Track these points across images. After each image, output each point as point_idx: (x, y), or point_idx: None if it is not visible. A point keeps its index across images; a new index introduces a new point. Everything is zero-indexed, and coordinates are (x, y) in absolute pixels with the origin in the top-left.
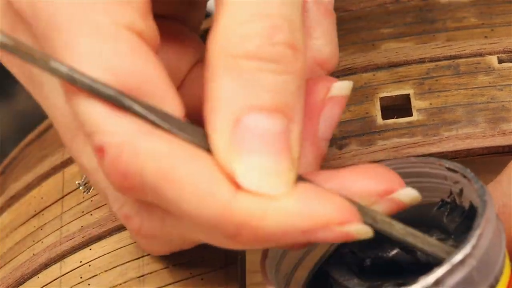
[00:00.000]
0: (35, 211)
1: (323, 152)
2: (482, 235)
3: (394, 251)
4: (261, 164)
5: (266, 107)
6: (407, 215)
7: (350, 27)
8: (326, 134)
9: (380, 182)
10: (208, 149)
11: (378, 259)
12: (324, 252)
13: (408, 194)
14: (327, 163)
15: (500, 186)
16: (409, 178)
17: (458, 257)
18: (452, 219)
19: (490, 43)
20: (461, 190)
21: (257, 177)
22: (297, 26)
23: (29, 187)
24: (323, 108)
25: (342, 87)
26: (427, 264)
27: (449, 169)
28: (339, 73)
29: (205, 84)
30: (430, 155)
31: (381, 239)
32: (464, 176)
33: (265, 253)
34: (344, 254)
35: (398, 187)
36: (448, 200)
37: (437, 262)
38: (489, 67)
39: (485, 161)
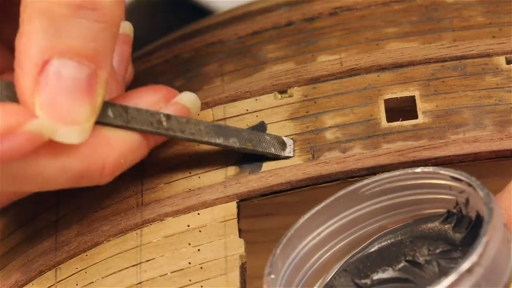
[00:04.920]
0: (30, 215)
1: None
2: (489, 243)
3: (401, 264)
4: (63, 110)
5: (75, 53)
6: (412, 228)
7: (354, 26)
8: (124, 72)
9: (158, 92)
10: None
11: (384, 273)
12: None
13: (187, 97)
14: (330, 167)
15: (508, 196)
16: (412, 190)
17: (465, 265)
18: (458, 231)
19: (498, 43)
20: (467, 200)
21: (58, 123)
22: None
23: None
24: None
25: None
26: (434, 276)
27: (453, 178)
28: (342, 74)
29: (20, 26)
30: (436, 159)
31: (387, 255)
32: (469, 185)
33: (269, 269)
34: (350, 270)
35: (176, 94)
36: (454, 211)
37: (444, 273)
38: (497, 68)
39: (493, 165)
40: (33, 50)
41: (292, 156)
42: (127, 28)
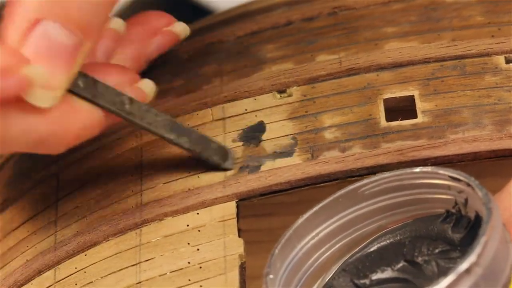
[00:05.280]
0: (29, 215)
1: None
2: (487, 243)
3: (400, 264)
4: (41, 73)
5: (69, 20)
6: (411, 228)
7: (353, 26)
8: (151, 56)
9: (126, 74)
10: None
11: (383, 273)
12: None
13: (147, 85)
14: (329, 166)
15: (507, 196)
16: (411, 190)
17: (463, 266)
18: (457, 231)
19: (497, 43)
20: (466, 200)
21: (34, 83)
22: None
23: (23, 191)
24: (155, 36)
25: (181, 28)
26: (433, 276)
27: (452, 178)
28: (341, 74)
29: None
30: (436, 158)
31: (386, 255)
32: (468, 185)
33: (268, 269)
34: (349, 270)
35: (139, 80)
36: (453, 211)
37: (443, 273)
38: (496, 68)
39: (492, 165)
40: (29, 6)
41: (231, 169)
42: (119, 25)
